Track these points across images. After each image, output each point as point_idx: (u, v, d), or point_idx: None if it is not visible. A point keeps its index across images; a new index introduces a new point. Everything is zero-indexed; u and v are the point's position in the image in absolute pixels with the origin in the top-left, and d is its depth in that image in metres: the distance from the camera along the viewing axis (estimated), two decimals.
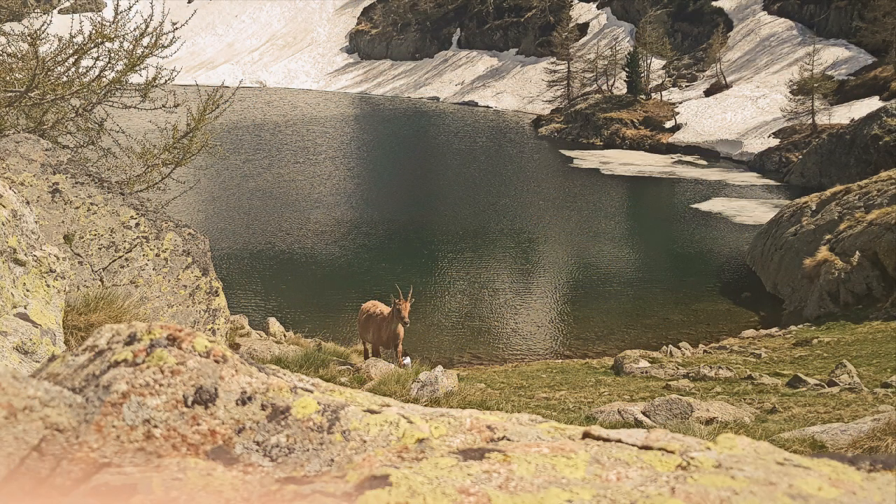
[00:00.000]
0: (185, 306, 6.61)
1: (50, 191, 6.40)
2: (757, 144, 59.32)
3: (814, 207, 30.79)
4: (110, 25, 9.07)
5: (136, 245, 6.51)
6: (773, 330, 24.79)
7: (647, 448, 1.33)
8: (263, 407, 1.41)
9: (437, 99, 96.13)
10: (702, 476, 1.21)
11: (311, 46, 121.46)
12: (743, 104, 66.90)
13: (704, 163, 58.91)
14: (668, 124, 66.51)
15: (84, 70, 9.06)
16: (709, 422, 9.46)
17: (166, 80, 9.70)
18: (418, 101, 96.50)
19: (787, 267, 29.57)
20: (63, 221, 6.34)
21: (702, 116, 66.66)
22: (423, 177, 55.84)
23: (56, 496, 1.22)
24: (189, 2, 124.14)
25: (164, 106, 9.80)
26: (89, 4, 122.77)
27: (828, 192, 31.44)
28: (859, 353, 17.77)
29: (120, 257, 6.41)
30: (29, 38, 8.54)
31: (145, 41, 9.27)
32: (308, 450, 1.35)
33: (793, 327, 24.39)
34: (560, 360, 22.08)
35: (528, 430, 1.44)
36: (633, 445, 1.35)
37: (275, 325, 17.28)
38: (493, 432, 1.42)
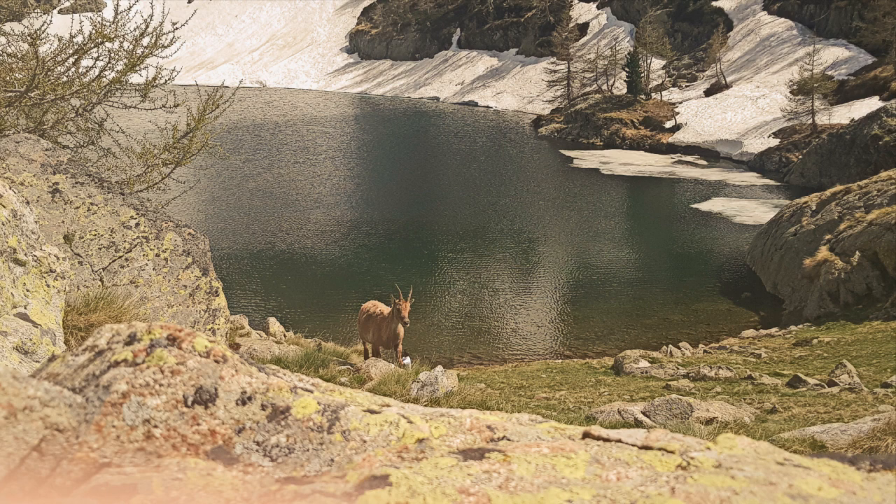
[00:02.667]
0: (185, 306, 6.61)
1: (50, 191, 6.40)
2: (757, 144, 59.35)
3: (814, 207, 30.79)
4: (110, 25, 9.07)
5: (136, 245, 6.51)
6: (773, 330, 24.79)
7: (647, 448, 1.33)
8: (263, 407, 1.41)
9: (437, 99, 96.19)
10: (702, 476, 1.21)
11: (311, 46, 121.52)
12: (743, 104, 66.93)
13: (704, 163, 58.94)
14: (668, 124, 66.54)
15: (84, 70, 9.06)
16: (709, 422, 9.45)
17: (166, 80, 9.70)
18: (418, 101, 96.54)
19: (787, 267, 29.58)
20: (63, 221, 6.33)
21: (702, 116, 66.69)
22: (423, 177, 55.86)
23: (56, 496, 1.22)
24: (189, 2, 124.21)
25: (164, 106, 9.80)
26: (89, 4, 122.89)
27: (828, 192, 31.45)
28: (859, 353, 17.77)
29: (120, 257, 6.41)
30: (29, 38, 8.54)
31: (145, 41, 9.28)
32: (308, 450, 1.35)
33: (793, 327, 24.39)
34: (560, 360, 22.08)
35: (528, 430, 1.44)
36: (633, 445, 1.35)
37: (275, 325, 17.28)
38: (493, 432, 1.42)
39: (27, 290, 3.83)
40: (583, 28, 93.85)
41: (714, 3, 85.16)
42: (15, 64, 8.89)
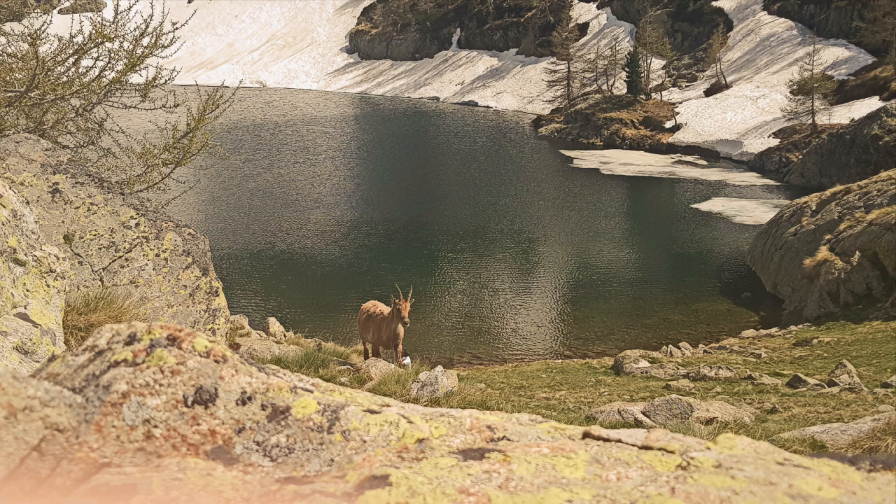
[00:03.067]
0: (185, 306, 6.61)
1: (50, 191, 6.40)
2: (757, 144, 59.36)
3: (814, 207, 30.80)
4: (110, 25, 9.07)
5: (136, 245, 6.51)
6: (773, 330, 24.79)
7: (647, 448, 1.33)
8: (263, 407, 1.41)
9: (437, 99, 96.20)
10: (702, 476, 1.21)
11: (311, 46, 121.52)
12: (743, 104, 66.94)
13: (704, 163, 58.95)
14: (668, 124, 66.54)
15: (84, 70, 9.06)
16: (709, 422, 9.46)
17: (166, 80, 9.70)
18: (418, 101, 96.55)
19: (787, 267, 29.58)
20: (63, 221, 6.33)
21: (702, 116, 66.69)
22: (423, 177, 55.87)
23: (56, 496, 1.22)
24: (189, 2, 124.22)
25: (164, 106, 9.80)
26: (89, 4, 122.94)
27: (828, 192, 31.46)
28: (859, 353, 17.77)
29: (120, 257, 6.41)
30: (29, 38, 8.54)
31: (145, 41, 9.28)
32: (308, 450, 1.35)
33: (793, 327, 24.39)
34: (560, 360, 22.08)
35: (528, 430, 1.44)
36: (633, 445, 1.35)
37: (275, 325, 17.28)
38: (493, 432, 1.42)
39: (27, 290, 3.83)
40: (583, 28, 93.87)
41: (714, 3, 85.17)
42: (15, 64, 8.89)
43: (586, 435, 1.41)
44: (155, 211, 6.96)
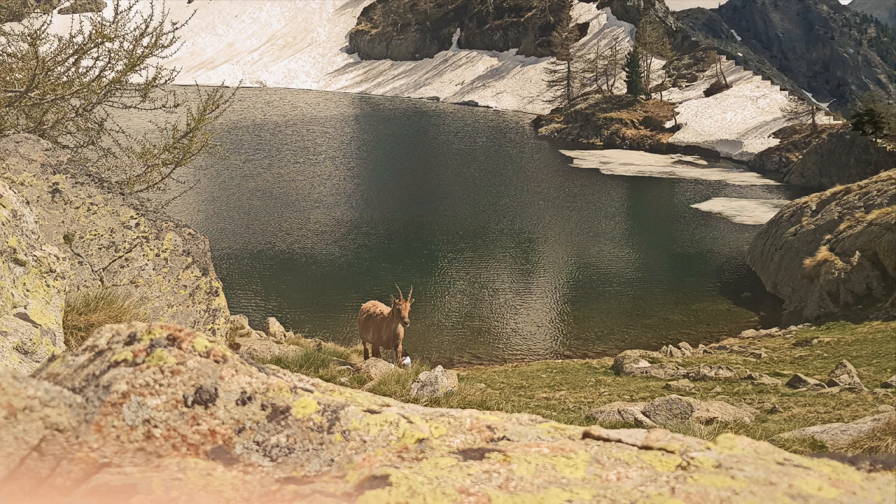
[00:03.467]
0: (185, 306, 6.60)
1: (50, 191, 6.40)
2: (757, 144, 59.37)
3: (814, 207, 30.81)
4: (110, 25, 9.07)
5: (136, 245, 6.51)
6: (773, 330, 24.79)
7: (647, 448, 1.33)
8: (263, 407, 1.41)
9: (437, 99, 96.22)
10: (702, 476, 1.21)
11: (311, 46, 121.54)
12: (743, 104, 66.95)
13: (704, 163, 58.96)
14: (668, 124, 66.54)
15: (84, 70, 9.06)
16: (709, 422, 9.45)
17: (166, 80, 9.69)
18: (418, 101, 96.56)
19: (787, 267, 29.58)
20: (63, 221, 6.33)
21: (702, 116, 66.71)
22: (423, 177, 55.88)
23: (56, 496, 1.22)
24: (189, 2, 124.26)
25: (164, 106, 9.79)
26: (89, 4, 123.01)
27: (828, 192, 31.48)
28: (859, 353, 17.77)
29: (120, 257, 6.40)
30: (29, 38, 8.54)
31: (145, 41, 9.27)
32: (308, 450, 1.35)
33: (793, 327, 24.39)
34: (560, 360, 22.08)
35: (528, 430, 1.43)
36: (633, 445, 1.35)
37: (275, 325, 17.27)
38: (493, 432, 1.42)
39: (27, 290, 3.83)
40: (583, 28, 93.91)
41: None
42: (15, 64, 8.89)
43: (586, 435, 1.41)
44: (155, 211, 6.96)
